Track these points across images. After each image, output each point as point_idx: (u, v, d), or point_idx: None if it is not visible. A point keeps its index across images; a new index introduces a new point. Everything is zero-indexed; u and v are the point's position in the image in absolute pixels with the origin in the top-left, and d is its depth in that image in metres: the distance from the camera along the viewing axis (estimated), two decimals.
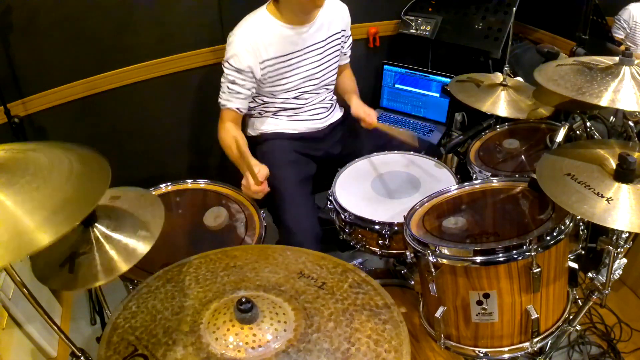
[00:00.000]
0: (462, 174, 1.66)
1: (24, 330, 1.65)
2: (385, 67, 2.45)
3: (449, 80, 2.18)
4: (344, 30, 1.84)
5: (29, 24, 1.77)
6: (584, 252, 1.39)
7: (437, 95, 2.33)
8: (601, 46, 1.94)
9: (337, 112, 1.95)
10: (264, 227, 1.42)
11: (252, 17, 1.69)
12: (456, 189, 1.41)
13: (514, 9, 1.82)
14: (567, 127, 1.40)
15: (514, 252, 1.09)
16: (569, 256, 1.26)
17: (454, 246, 1.17)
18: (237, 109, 1.69)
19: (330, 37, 1.78)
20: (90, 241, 0.99)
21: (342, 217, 1.51)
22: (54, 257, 1.00)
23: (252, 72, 1.65)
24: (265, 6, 1.70)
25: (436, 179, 1.62)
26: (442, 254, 1.14)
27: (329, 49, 1.79)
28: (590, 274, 1.26)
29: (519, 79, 1.80)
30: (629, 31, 2.20)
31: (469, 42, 2.18)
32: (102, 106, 2.04)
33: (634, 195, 1.02)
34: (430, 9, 2.34)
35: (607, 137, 1.57)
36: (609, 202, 1.01)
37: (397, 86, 2.44)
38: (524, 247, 1.09)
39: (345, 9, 1.84)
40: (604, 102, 1.06)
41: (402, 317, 0.92)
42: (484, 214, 1.34)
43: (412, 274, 1.58)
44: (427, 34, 2.31)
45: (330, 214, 1.61)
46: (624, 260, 1.23)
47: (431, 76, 2.33)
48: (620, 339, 1.74)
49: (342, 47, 1.88)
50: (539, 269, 1.09)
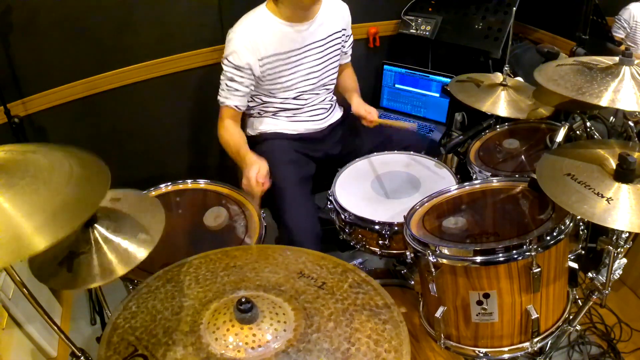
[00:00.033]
0: (462, 174, 1.66)
1: (24, 330, 1.65)
2: (385, 67, 2.45)
3: (449, 80, 2.18)
4: (345, 29, 1.84)
5: (29, 24, 1.77)
6: (584, 252, 1.39)
7: (437, 95, 2.33)
8: (601, 46, 1.94)
9: (337, 113, 1.95)
10: (264, 227, 1.42)
11: (251, 15, 1.69)
12: (456, 189, 1.41)
13: (514, 9, 1.82)
14: (567, 127, 1.40)
15: (514, 252, 1.09)
16: (569, 256, 1.26)
17: (454, 246, 1.17)
18: (235, 106, 1.69)
19: (330, 36, 1.78)
20: (89, 241, 0.98)
21: (342, 217, 1.51)
22: (53, 255, 1.00)
23: (250, 70, 1.65)
24: (264, 4, 1.70)
25: (436, 179, 1.62)
26: (442, 254, 1.14)
27: (328, 48, 1.79)
28: (590, 274, 1.26)
29: (519, 79, 1.80)
30: (629, 31, 2.20)
31: (469, 42, 2.18)
32: (102, 106, 2.04)
33: (634, 195, 1.02)
34: (430, 9, 2.34)
35: (607, 137, 1.57)
36: (609, 202, 1.01)
37: (397, 86, 2.44)
38: (524, 247, 1.09)
39: (345, 8, 1.84)
40: (604, 102, 1.06)
41: (402, 317, 0.92)
42: (484, 214, 1.34)
43: (412, 274, 1.58)
44: (427, 34, 2.31)
45: (330, 214, 1.61)
46: (624, 260, 1.23)
47: (431, 76, 2.33)
48: (620, 339, 1.74)
49: (343, 47, 1.88)
50: (539, 269, 1.09)
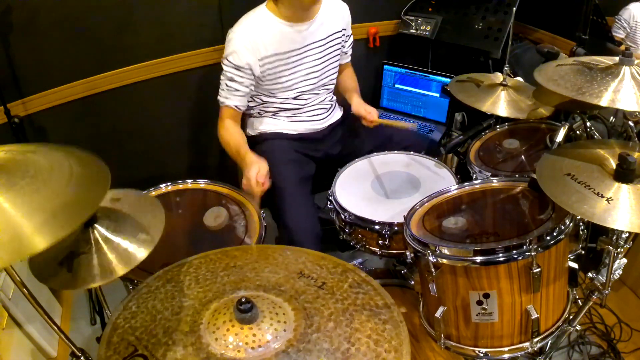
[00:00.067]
0: (462, 174, 1.66)
1: (24, 330, 1.65)
2: (385, 67, 2.44)
3: (449, 80, 2.18)
4: (345, 29, 1.84)
5: (29, 24, 1.77)
6: (584, 252, 1.39)
7: (437, 95, 2.33)
8: (601, 46, 1.94)
9: (337, 113, 1.95)
10: (264, 227, 1.42)
11: (251, 15, 1.69)
12: (456, 189, 1.41)
13: (514, 9, 1.82)
14: (567, 127, 1.40)
15: (514, 252, 1.09)
16: (569, 256, 1.26)
17: (454, 246, 1.17)
18: (235, 106, 1.69)
19: (330, 36, 1.78)
20: (89, 241, 0.98)
21: (342, 217, 1.51)
22: (53, 255, 1.00)
23: (250, 70, 1.65)
24: (264, 4, 1.70)
25: (436, 179, 1.62)
26: (442, 254, 1.14)
27: (329, 48, 1.79)
28: (590, 274, 1.26)
29: (519, 79, 1.80)
30: (629, 31, 2.20)
31: (469, 42, 2.18)
32: (102, 106, 2.04)
33: (634, 195, 1.02)
34: (430, 9, 2.34)
35: (607, 137, 1.57)
36: (609, 202, 1.01)
37: (397, 86, 2.44)
38: (524, 247, 1.09)
39: (345, 8, 1.84)
40: (604, 102, 1.06)
41: (402, 317, 0.92)
42: (484, 214, 1.34)
43: (412, 274, 1.58)
44: (427, 34, 2.31)
45: (330, 214, 1.61)
46: (624, 260, 1.23)
47: (431, 76, 2.33)
48: (620, 339, 1.74)
49: (343, 47, 1.88)
50: (539, 269, 1.09)
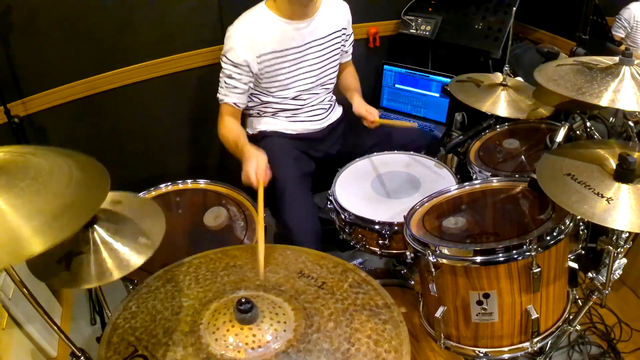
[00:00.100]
0: (462, 174, 1.66)
1: (24, 330, 1.64)
2: (385, 67, 2.44)
3: (449, 80, 2.18)
4: (345, 28, 1.84)
5: (29, 24, 1.77)
6: (584, 252, 1.39)
7: (437, 95, 2.33)
8: (601, 46, 1.94)
9: (336, 113, 1.95)
10: (264, 227, 1.42)
11: (250, 12, 1.69)
12: (456, 189, 1.41)
13: (514, 9, 1.82)
14: (567, 127, 1.40)
15: (514, 252, 1.09)
16: (569, 256, 1.26)
17: (454, 246, 1.17)
18: (234, 103, 1.69)
19: (330, 35, 1.78)
20: (89, 242, 0.98)
21: (342, 217, 1.51)
22: (51, 252, 0.99)
23: (248, 67, 1.64)
24: (264, 1, 1.70)
25: (436, 179, 1.62)
26: (442, 254, 1.14)
27: (328, 47, 1.79)
28: (590, 274, 1.26)
29: (519, 79, 1.80)
30: (629, 30, 2.20)
31: (469, 42, 2.18)
32: (102, 106, 2.04)
33: (634, 195, 1.02)
34: (430, 9, 2.34)
35: (607, 137, 1.57)
36: (609, 202, 1.01)
37: (397, 86, 2.44)
38: (524, 247, 1.09)
39: (346, 7, 1.84)
40: (604, 102, 1.06)
41: (402, 317, 0.92)
42: (484, 214, 1.34)
43: (412, 274, 1.58)
44: (427, 34, 2.30)
45: (330, 214, 1.61)
46: (624, 260, 1.23)
47: (431, 76, 2.33)
48: (620, 339, 1.74)
49: (344, 46, 1.87)
50: (539, 269, 1.09)
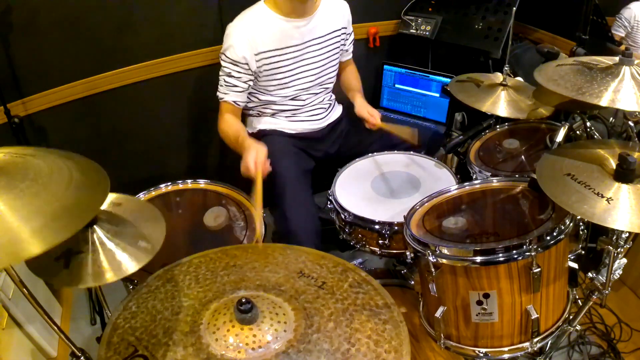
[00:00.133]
0: (462, 174, 1.66)
1: (24, 330, 1.64)
2: (385, 67, 2.44)
3: (449, 80, 2.18)
4: (345, 27, 1.84)
5: (29, 24, 1.77)
6: (584, 252, 1.39)
7: (437, 95, 2.33)
8: (601, 46, 1.94)
9: (336, 112, 1.95)
10: (264, 227, 1.42)
11: (249, 10, 1.69)
12: (456, 189, 1.41)
13: (514, 9, 1.82)
14: (567, 127, 1.40)
15: (514, 252, 1.09)
16: (569, 256, 1.26)
17: (454, 246, 1.17)
18: (234, 102, 1.69)
19: (330, 34, 1.77)
20: (88, 242, 0.98)
21: (342, 217, 1.51)
22: (50, 250, 0.99)
23: (247, 64, 1.64)
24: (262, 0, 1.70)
25: (436, 179, 1.62)
26: (442, 254, 1.14)
27: (328, 46, 1.78)
28: (590, 274, 1.26)
29: (519, 79, 1.80)
30: (629, 30, 2.20)
31: (469, 42, 2.18)
32: (102, 106, 2.04)
33: (634, 195, 1.02)
34: (430, 9, 2.34)
35: (607, 137, 1.57)
36: (609, 202, 1.01)
37: (397, 86, 2.44)
38: (524, 247, 1.09)
39: (345, 6, 1.84)
40: (604, 102, 1.06)
41: (402, 317, 0.92)
42: (484, 214, 1.34)
43: (412, 274, 1.58)
44: (427, 34, 2.30)
45: (330, 214, 1.61)
46: (624, 260, 1.23)
47: (431, 76, 2.32)
48: (620, 339, 1.74)
49: (344, 45, 1.87)
50: (539, 269, 1.09)
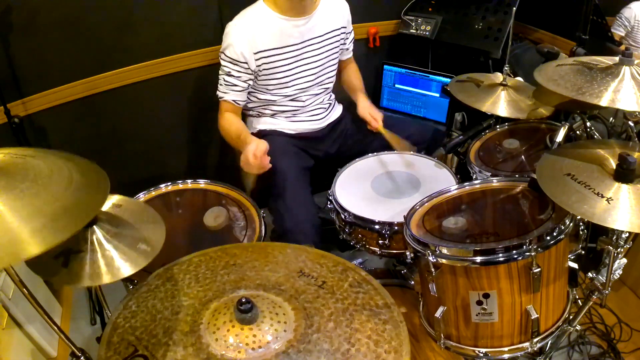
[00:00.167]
0: (462, 174, 1.66)
1: (24, 330, 1.64)
2: (385, 67, 2.44)
3: (449, 80, 2.18)
4: (345, 27, 1.84)
5: (29, 24, 1.77)
6: (584, 252, 1.39)
7: (437, 95, 2.33)
8: (601, 46, 1.94)
9: (336, 112, 1.95)
10: (263, 227, 1.42)
11: (248, 9, 1.69)
12: (456, 189, 1.41)
13: (514, 9, 1.82)
14: (567, 127, 1.40)
15: (514, 252, 1.09)
16: (569, 256, 1.26)
17: (454, 246, 1.17)
18: (233, 101, 1.69)
19: (329, 33, 1.77)
20: (87, 241, 0.98)
21: (342, 217, 1.51)
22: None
23: (247, 63, 1.64)
24: None
25: (436, 179, 1.62)
26: (442, 254, 1.14)
27: (327, 45, 1.78)
28: (590, 274, 1.26)
29: (519, 79, 1.80)
30: (629, 29, 2.19)
31: (469, 42, 2.18)
32: (102, 106, 2.04)
33: (634, 195, 1.02)
34: (430, 9, 2.34)
35: (607, 137, 1.57)
36: (609, 202, 1.01)
37: (397, 86, 2.44)
38: (524, 247, 1.09)
39: (345, 5, 1.84)
40: (604, 102, 1.06)
41: (402, 317, 0.92)
42: (484, 214, 1.34)
43: (412, 274, 1.58)
44: (427, 34, 2.30)
45: (330, 214, 1.61)
46: (624, 260, 1.23)
47: (431, 76, 2.32)
48: (620, 339, 1.74)
49: (344, 44, 1.88)
50: (539, 269, 1.09)
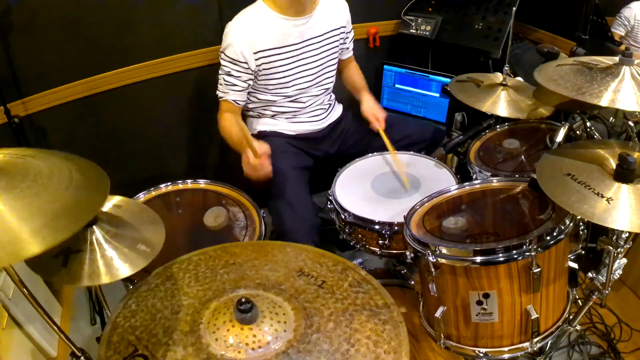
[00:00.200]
0: (462, 174, 1.66)
1: (24, 330, 1.64)
2: (385, 67, 2.44)
3: (449, 80, 2.18)
4: (344, 26, 1.84)
5: (29, 24, 1.77)
6: (584, 252, 1.39)
7: (437, 95, 2.32)
8: (601, 46, 1.94)
9: (336, 112, 1.95)
10: (263, 227, 1.42)
11: (248, 9, 1.69)
12: (456, 189, 1.41)
13: (514, 9, 1.81)
14: (567, 127, 1.40)
15: (514, 252, 1.09)
16: (569, 256, 1.26)
17: (453, 246, 1.17)
18: (234, 101, 1.69)
19: (328, 32, 1.77)
20: (86, 241, 0.98)
21: (342, 217, 1.51)
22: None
23: (247, 63, 1.64)
24: None
25: (436, 179, 1.62)
26: (442, 254, 1.14)
27: (327, 45, 1.78)
28: (590, 274, 1.26)
29: (519, 79, 1.80)
30: (629, 29, 2.19)
31: (469, 42, 2.18)
32: (102, 106, 2.04)
33: (634, 195, 1.02)
34: (430, 9, 2.34)
35: (607, 137, 1.57)
36: (609, 202, 1.01)
37: (397, 86, 2.44)
38: (524, 247, 1.09)
39: (344, 5, 1.84)
40: (604, 102, 1.06)
41: (402, 317, 0.92)
42: (484, 214, 1.34)
43: (412, 274, 1.58)
44: (427, 34, 2.30)
45: (330, 214, 1.61)
46: (624, 260, 1.23)
47: (431, 76, 2.32)
48: (620, 339, 1.74)
49: (344, 44, 1.88)
50: (539, 269, 1.09)
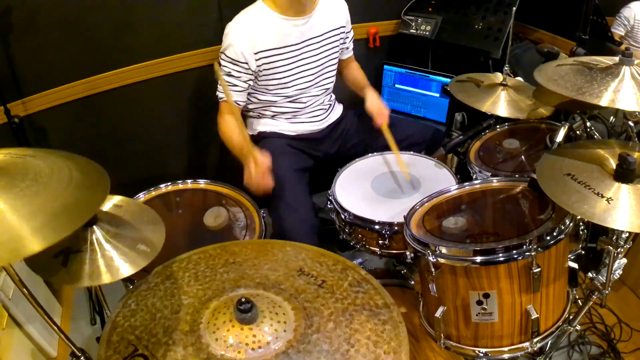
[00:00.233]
0: (462, 174, 1.66)
1: (24, 330, 1.65)
2: (385, 67, 2.44)
3: (449, 80, 2.18)
4: (344, 26, 1.84)
5: (29, 24, 1.77)
6: (584, 252, 1.39)
7: (437, 95, 2.33)
8: (601, 46, 1.94)
9: (336, 112, 1.95)
10: (263, 227, 1.42)
11: (248, 9, 1.69)
12: (456, 189, 1.41)
13: (514, 9, 1.81)
14: (567, 127, 1.40)
15: (514, 252, 1.09)
16: (569, 256, 1.26)
17: (453, 246, 1.17)
18: (234, 101, 1.69)
19: (328, 32, 1.77)
20: (86, 241, 0.98)
21: (342, 217, 1.51)
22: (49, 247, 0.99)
23: (247, 63, 1.64)
24: None
25: (436, 179, 1.62)
26: (442, 254, 1.14)
27: (327, 45, 1.78)
28: (590, 274, 1.26)
29: (519, 79, 1.80)
30: (629, 29, 2.19)
31: (469, 42, 2.18)
32: (102, 106, 2.04)
33: (634, 195, 1.02)
34: (430, 9, 2.34)
35: (607, 137, 1.57)
36: (609, 202, 1.01)
37: (397, 86, 2.44)
38: (524, 247, 1.09)
39: (344, 5, 1.84)
40: (604, 102, 1.06)
41: (402, 317, 0.92)
42: (484, 214, 1.34)
43: (412, 274, 1.58)
44: (427, 34, 2.30)
45: (330, 214, 1.61)
46: (624, 260, 1.23)
47: (431, 76, 2.32)
48: (620, 339, 1.74)
49: (344, 43, 1.88)
50: (539, 269, 1.09)
